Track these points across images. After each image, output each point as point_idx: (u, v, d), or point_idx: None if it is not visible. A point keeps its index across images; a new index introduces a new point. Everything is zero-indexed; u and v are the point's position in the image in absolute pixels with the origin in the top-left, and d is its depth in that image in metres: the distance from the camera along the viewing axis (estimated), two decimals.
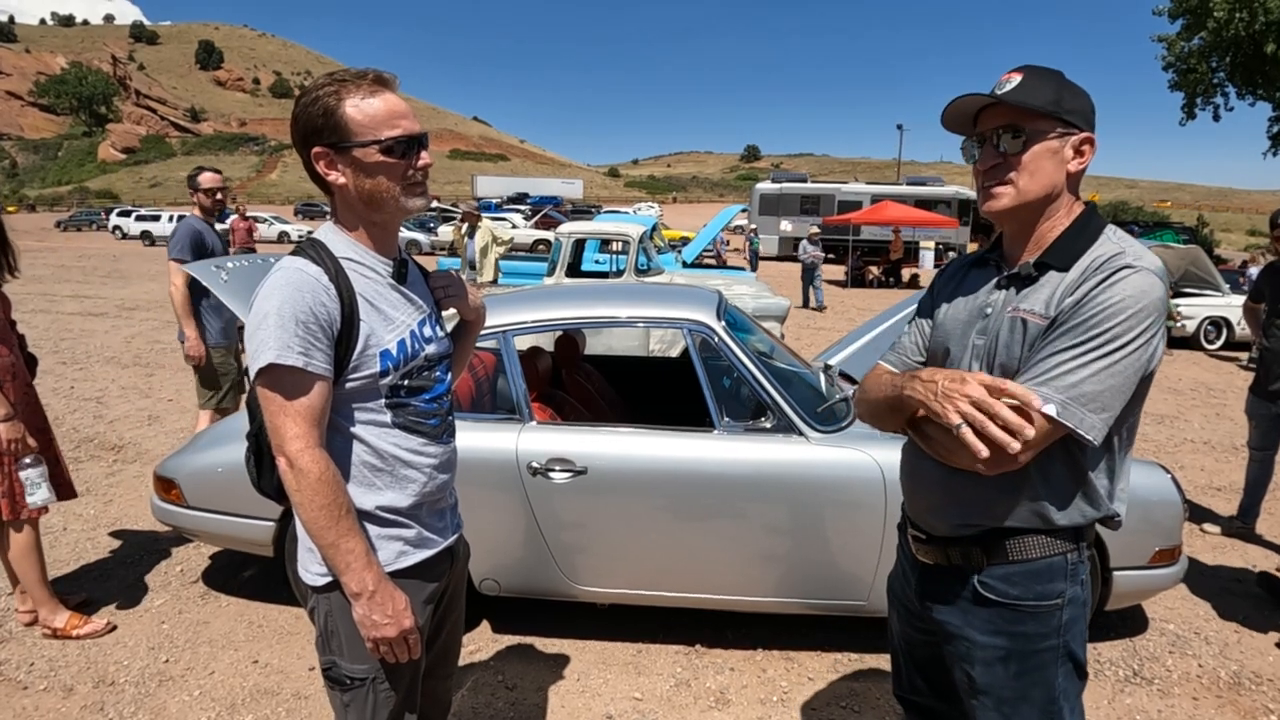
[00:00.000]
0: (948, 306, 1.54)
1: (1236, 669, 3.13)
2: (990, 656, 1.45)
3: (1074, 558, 1.42)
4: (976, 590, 1.44)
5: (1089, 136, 1.36)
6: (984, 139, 1.40)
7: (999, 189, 1.39)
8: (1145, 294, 1.26)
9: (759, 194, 28.56)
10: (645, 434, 3.00)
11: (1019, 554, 1.41)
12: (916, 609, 1.60)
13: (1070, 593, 1.41)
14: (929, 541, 1.53)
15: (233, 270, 3.19)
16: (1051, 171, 1.36)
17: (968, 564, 1.45)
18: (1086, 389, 1.26)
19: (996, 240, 1.51)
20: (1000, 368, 1.39)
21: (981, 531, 1.43)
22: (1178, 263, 12.23)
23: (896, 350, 1.65)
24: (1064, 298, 1.32)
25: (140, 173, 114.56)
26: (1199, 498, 5.12)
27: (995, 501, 1.40)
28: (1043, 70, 1.38)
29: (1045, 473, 1.36)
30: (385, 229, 1.50)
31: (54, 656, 3.04)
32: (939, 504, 1.49)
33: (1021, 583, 1.41)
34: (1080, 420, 1.26)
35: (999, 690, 1.45)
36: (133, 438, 5.83)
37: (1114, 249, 1.32)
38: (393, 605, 1.41)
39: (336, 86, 1.38)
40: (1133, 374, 1.28)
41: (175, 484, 3.27)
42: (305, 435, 1.35)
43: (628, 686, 2.93)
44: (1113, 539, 2.93)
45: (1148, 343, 1.28)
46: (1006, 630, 1.43)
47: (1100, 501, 1.40)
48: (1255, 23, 21.15)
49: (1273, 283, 4.17)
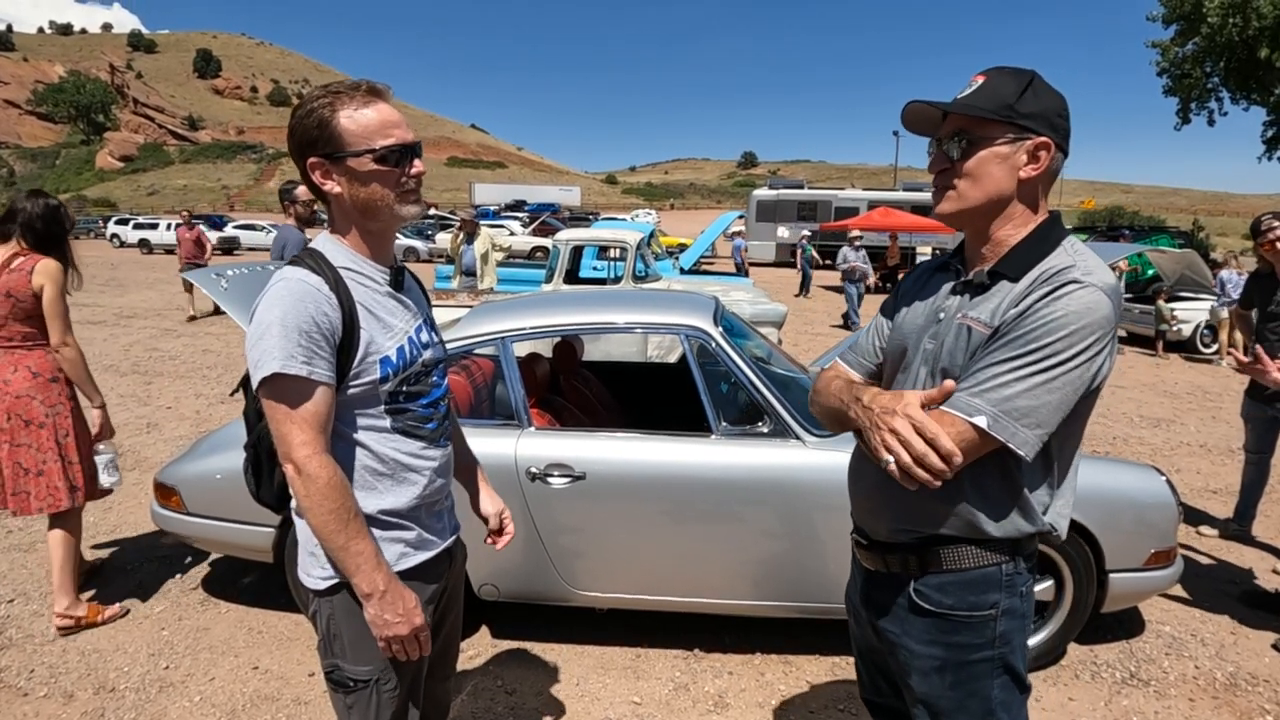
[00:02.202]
0: (907, 309, 1.54)
1: (1233, 670, 3.14)
2: (926, 666, 1.45)
3: (1009, 569, 1.40)
4: (912, 599, 1.45)
5: (1045, 141, 1.33)
6: (939, 143, 1.41)
7: (944, 193, 1.41)
8: (1090, 310, 1.24)
9: (756, 200, 28.60)
10: (643, 439, 3.02)
11: (952, 563, 1.40)
12: (864, 616, 1.61)
13: (1006, 604, 1.41)
14: (870, 547, 1.54)
15: (233, 279, 3.20)
16: (999, 178, 1.35)
17: (904, 571, 1.46)
18: (1020, 403, 1.24)
19: (960, 245, 1.51)
20: (943, 373, 1.38)
21: (918, 539, 1.43)
22: (1173, 267, 12.27)
23: (855, 350, 1.65)
24: (1009, 309, 1.30)
25: (138, 181, 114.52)
26: (1195, 500, 5.14)
27: (929, 508, 1.40)
28: (1009, 72, 1.37)
29: (979, 483, 1.36)
30: (381, 237, 1.52)
31: (54, 663, 3.05)
32: (877, 507, 1.50)
33: (955, 592, 1.41)
34: (1012, 434, 1.25)
35: (936, 700, 1.46)
36: (131, 445, 5.84)
37: (1065, 261, 1.30)
38: (403, 604, 1.44)
39: (330, 98, 1.41)
40: (1071, 391, 1.26)
41: (175, 491, 3.28)
42: (312, 442, 1.37)
43: (626, 691, 2.94)
44: (1109, 541, 2.94)
45: (1090, 360, 1.25)
46: (941, 640, 1.43)
47: (1034, 515, 1.38)
48: (1249, 27, 21.26)
49: (1260, 288, 4.20)
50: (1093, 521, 2.91)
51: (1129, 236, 19.55)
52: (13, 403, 3.07)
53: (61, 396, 3.18)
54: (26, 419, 3.09)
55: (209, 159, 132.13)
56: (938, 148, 1.42)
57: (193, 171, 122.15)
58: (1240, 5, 21.20)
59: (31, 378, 3.10)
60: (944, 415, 1.28)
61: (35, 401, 3.10)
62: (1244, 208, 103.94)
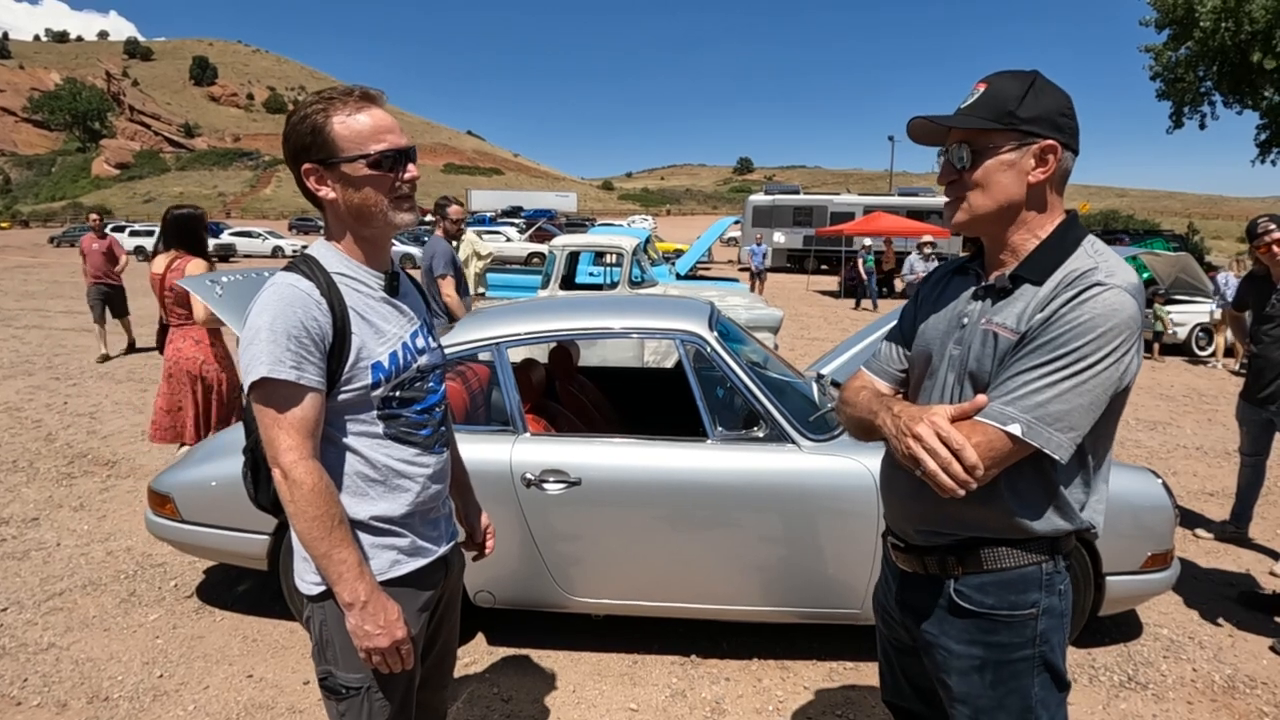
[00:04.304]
0: (929, 316, 1.54)
1: (1231, 673, 3.14)
2: (966, 666, 1.46)
3: (1049, 568, 1.42)
4: (952, 599, 1.45)
5: (1051, 144, 1.33)
6: (946, 154, 1.42)
7: (955, 205, 1.42)
8: (1116, 312, 1.25)
9: (752, 206, 28.66)
10: (639, 444, 3.01)
11: (993, 564, 1.41)
12: (897, 617, 1.62)
13: (1045, 603, 1.42)
14: (907, 550, 1.55)
15: (228, 285, 3.21)
16: (1008, 184, 1.35)
17: (943, 573, 1.46)
18: (1053, 408, 1.25)
19: (979, 248, 1.51)
20: (971, 379, 1.39)
21: (956, 540, 1.44)
22: (1168, 270, 12.28)
23: (878, 358, 1.66)
24: (1034, 313, 1.31)
25: (134, 188, 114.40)
26: (1192, 503, 5.15)
27: (966, 512, 1.40)
28: (1010, 76, 1.37)
29: (1014, 485, 1.36)
30: (375, 243, 1.52)
31: (48, 672, 3.03)
32: (912, 512, 1.50)
33: (995, 592, 1.42)
34: (1047, 439, 1.26)
35: (975, 699, 1.46)
36: (126, 453, 5.82)
37: (1088, 264, 1.31)
38: (385, 615, 1.42)
39: (324, 104, 1.42)
40: (1102, 393, 1.27)
41: (170, 499, 3.27)
42: (299, 447, 1.37)
43: (623, 697, 2.93)
44: (1105, 545, 2.94)
45: (1118, 361, 1.26)
46: (981, 640, 1.44)
47: (1073, 514, 1.39)
48: (1241, 32, 21.37)
49: (1255, 290, 4.21)
50: (1100, 530, 2.91)
51: (1127, 241, 19.60)
52: (187, 363, 4.28)
53: (214, 356, 4.36)
54: (192, 374, 4.29)
55: (205, 166, 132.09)
56: (945, 159, 1.42)
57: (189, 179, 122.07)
58: (1232, 10, 21.31)
59: (195, 344, 4.31)
60: (977, 425, 1.29)
61: (199, 361, 4.30)
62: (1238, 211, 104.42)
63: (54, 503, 4.81)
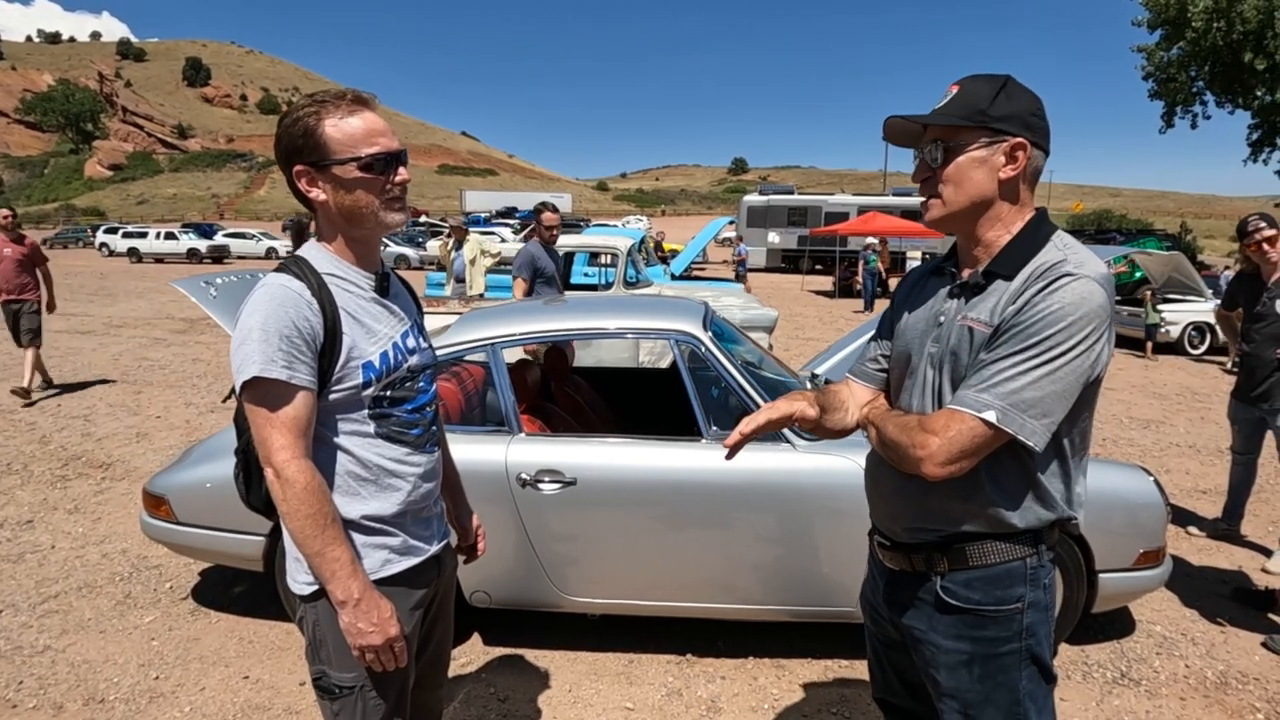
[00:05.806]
0: (908, 315, 1.57)
1: (1223, 669, 3.16)
2: (954, 661, 1.48)
3: (1033, 562, 1.44)
4: (939, 596, 1.47)
5: (1020, 141, 1.37)
6: (921, 153, 1.46)
7: (929, 201, 1.46)
8: (1085, 300, 1.28)
9: (746, 206, 28.69)
10: (634, 444, 3.02)
11: (979, 559, 1.43)
12: (885, 614, 1.64)
13: (1031, 597, 1.44)
14: (893, 547, 1.57)
15: (221, 286, 3.21)
16: (979, 180, 1.39)
17: (930, 569, 1.48)
18: (1026, 395, 1.29)
19: (952, 248, 1.55)
20: (950, 375, 1.42)
21: (942, 537, 1.46)
22: (1161, 269, 12.36)
23: (862, 361, 1.70)
24: (1006, 306, 1.35)
25: (127, 190, 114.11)
26: (1184, 501, 5.17)
27: (949, 507, 1.43)
28: (982, 79, 1.41)
29: (995, 477, 1.39)
30: (366, 244, 1.53)
31: (43, 674, 3.02)
32: (898, 510, 1.52)
33: (981, 588, 1.44)
34: (1021, 426, 1.29)
35: (964, 694, 1.48)
36: (121, 455, 5.80)
37: (1057, 256, 1.35)
38: (378, 613, 1.43)
39: (316, 107, 1.43)
40: (1074, 380, 1.30)
41: (165, 500, 3.26)
42: (291, 446, 1.37)
43: (619, 697, 2.94)
44: (1098, 542, 2.96)
45: (1089, 349, 1.30)
46: (969, 635, 1.46)
47: (1054, 504, 1.42)
48: (1233, 32, 21.45)
49: (1246, 289, 4.24)
50: (1082, 522, 2.93)
51: (1121, 240, 19.68)
52: None
53: None
54: None
55: (198, 167, 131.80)
56: (920, 158, 1.47)
57: (182, 180, 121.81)
58: (1224, 10, 21.40)
59: None
60: (954, 413, 1.33)
61: None
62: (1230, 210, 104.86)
63: (49, 505, 4.79)
